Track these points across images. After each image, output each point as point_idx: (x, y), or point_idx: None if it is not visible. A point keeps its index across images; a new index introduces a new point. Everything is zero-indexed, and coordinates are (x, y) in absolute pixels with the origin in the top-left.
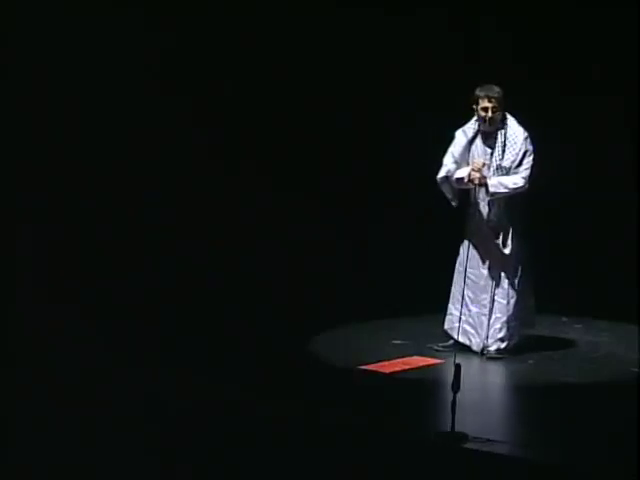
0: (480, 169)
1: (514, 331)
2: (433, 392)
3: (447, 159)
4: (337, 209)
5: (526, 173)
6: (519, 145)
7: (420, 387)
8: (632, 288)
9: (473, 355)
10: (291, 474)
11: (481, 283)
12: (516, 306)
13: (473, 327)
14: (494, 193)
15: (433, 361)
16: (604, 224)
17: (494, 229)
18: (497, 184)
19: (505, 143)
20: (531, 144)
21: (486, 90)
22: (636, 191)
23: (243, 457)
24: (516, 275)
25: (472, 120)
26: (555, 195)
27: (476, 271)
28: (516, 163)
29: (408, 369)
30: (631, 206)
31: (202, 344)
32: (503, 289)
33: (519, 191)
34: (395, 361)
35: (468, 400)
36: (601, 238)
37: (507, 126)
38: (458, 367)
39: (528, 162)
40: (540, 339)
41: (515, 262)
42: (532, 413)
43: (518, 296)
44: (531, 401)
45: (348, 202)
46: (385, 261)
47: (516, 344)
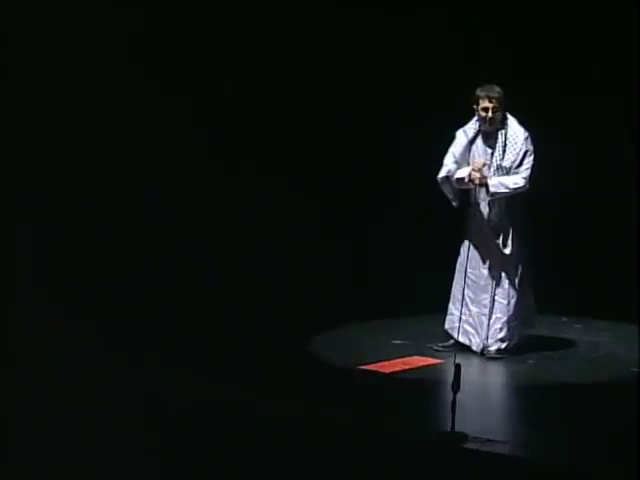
0: (480, 169)
1: (514, 331)
2: (433, 392)
3: (448, 159)
4: (337, 209)
5: (527, 173)
6: (519, 145)
7: (420, 387)
8: (632, 288)
9: (473, 355)
10: (291, 474)
11: (481, 283)
12: (516, 306)
13: (473, 327)
14: (494, 193)
15: (433, 361)
16: (604, 224)
17: (495, 229)
18: (497, 184)
19: (506, 143)
20: (532, 144)
21: (487, 90)
22: (636, 191)
23: (243, 457)
24: (516, 275)
25: (473, 120)
26: (555, 195)
27: (476, 271)
28: (516, 163)
29: (408, 369)
30: (631, 206)
31: (202, 344)
32: (503, 289)
33: (520, 191)
34: (395, 361)
35: (468, 400)
36: (601, 238)
37: (507, 126)
38: (458, 367)
39: (529, 162)
40: (540, 339)
41: (515, 262)
42: (532, 413)
43: (519, 296)
44: (531, 401)
45: (348, 202)
46: (385, 261)
47: (516, 344)
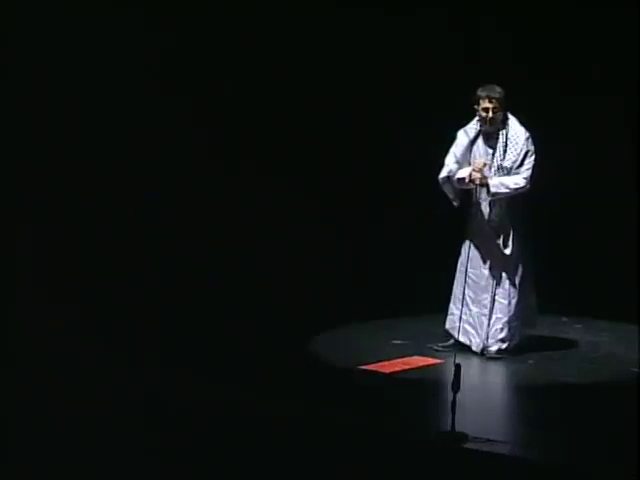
0: (481, 169)
1: (515, 331)
2: (433, 392)
3: (449, 159)
4: (337, 209)
5: (527, 173)
6: (520, 145)
7: (420, 387)
8: (632, 288)
9: (473, 355)
10: (291, 474)
11: (482, 283)
12: (517, 306)
13: (473, 327)
14: (495, 193)
15: (433, 361)
16: (604, 224)
17: (495, 229)
18: (498, 184)
19: (506, 143)
20: (532, 144)
21: (487, 90)
22: (636, 191)
23: (243, 457)
24: (517, 275)
25: (474, 120)
26: (555, 195)
27: (477, 271)
28: (517, 163)
29: (408, 369)
30: (631, 206)
31: (202, 344)
32: (504, 289)
33: (520, 191)
34: (395, 361)
35: (468, 400)
36: (601, 238)
37: (508, 126)
38: (458, 367)
39: (529, 162)
40: (540, 339)
41: (516, 262)
42: (532, 413)
43: (519, 296)
44: (531, 401)
45: (348, 202)
46: (385, 261)
47: (517, 344)
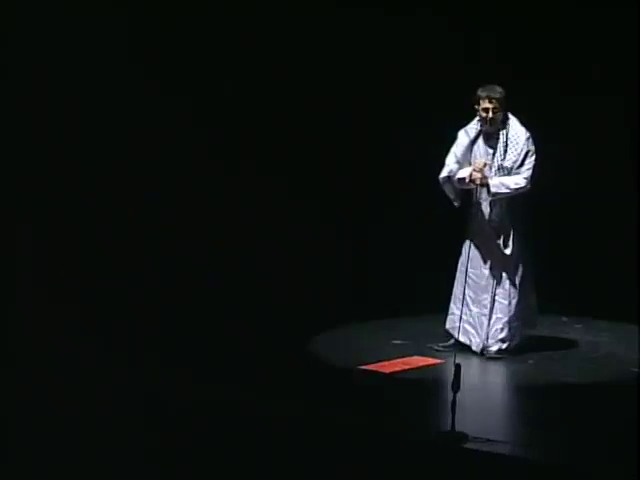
0: (481, 169)
1: (516, 331)
2: (433, 392)
3: (449, 159)
4: (337, 209)
5: (528, 173)
6: (521, 145)
7: (420, 387)
8: (632, 288)
9: (473, 355)
10: (291, 474)
11: (482, 283)
12: (517, 306)
13: (473, 327)
14: (495, 193)
15: (433, 361)
16: (604, 224)
17: (496, 229)
18: (499, 184)
19: (507, 143)
20: (533, 144)
21: (488, 90)
22: (636, 191)
23: (243, 457)
24: (517, 275)
25: (475, 120)
26: (555, 195)
27: (477, 271)
28: (518, 163)
29: (408, 369)
30: (631, 206)
31: (202, 344)
32: (504, 289)
33: (521, 191)
34: (395, 361)
35: (468, 400)
36: (601, 238)
37: (509, 126)
38: (458, 367)
39: (530, 162)
40: (540, 339)
41: (516, 262)
42: (532, 413)
43: (520, 296)
44: (531, 401)
45: (348, 202)
46: (385, 261)
47: (518, 344)
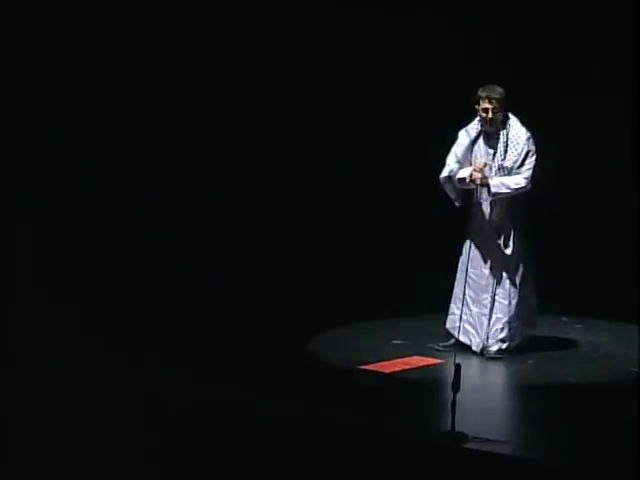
0: (482, 169)
1: (516, 331)
2: (433, 392)
3: (450, 159)
4: (337, 209)
5: (528, 173)
6: (521, 145)
7: (420, 387)
8: (632, 288)
9: (473, 355)
10: (291, 474)
11: (482, 283)
12: (518, 306)
13: (473, 327)
14: (496, 193)
15: (433, 361)
16: (604, 224)
17: (496, 229)
18: (499, 184)
19: (507, 143)
20: (533, 144)
21: (487, 91)
22: (636, 191)
23: (243, 457)
24: (518, 275)
25: (475, 120)
26: (555, 195)
27: (478, 271)
28: (518, 163)
29: (408, 369)
30: (631, 206)
31: (202, 344)
32: (504, 289)
33: (521, 191)
34: (395, 361)
35: (468, 400)
36: (601, 238)
37: (509, 126)
38: (458, 367)
39: (530, 162)
40: (540, 339)
41: (517, 262)
42: (532, 413)
43: (520, 296)
44: (531, 401)
45: (348, 202)
46: (385, 261)
47: (518, 344)
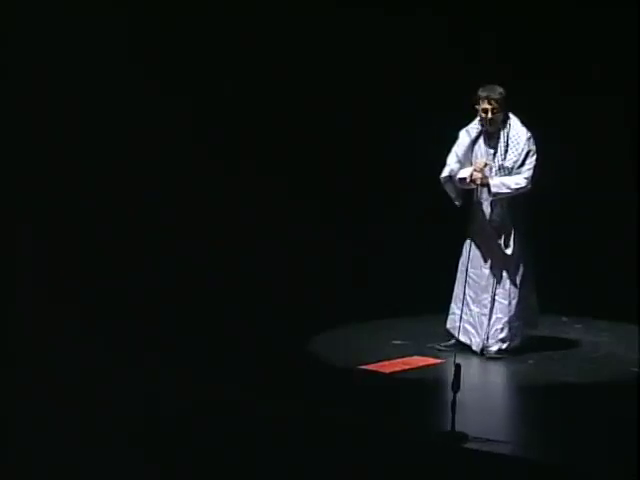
0: (482, 169)
1: (516, 331)
2: (433, 392)
3: (450, 159)
4: (337, 209)
5: (529, 173)
6: (522, 145)
7: (420, 387)
8: (632, 288)
9: (473, 355)
10: (291, 474)
11: (482, 283)
12: (518, 306)
13: (474, 327)
14: (496, 193)
15: (433, 361)
16: (604, 224)
17: (497, 229)
18: (499, 184)
19: (507, 143)
20: (534, 144)
21: (487, 91)
22: (636, 191)
23: (243, 457)
24: (518, 275)
25: (476, 120)
26: (555, 195)
27: (478, 271)
28: (518, 163)
29: (408, 369)
30: (631, 206)
31: (202, 344)
32: (505, 289)
33: (521, 191)
34: (395, 361)
35: (468, 400)
36: (601, 238)
37: (510, 126)
38: (458, 367)
39: (531, 162)
40: (540, 339)
41: (517, 262)
42: (532, 413)
43: (520, 296)
44: (531, 401)
45: (348, 202)
46: (385, 261)
47: (519, 344)
